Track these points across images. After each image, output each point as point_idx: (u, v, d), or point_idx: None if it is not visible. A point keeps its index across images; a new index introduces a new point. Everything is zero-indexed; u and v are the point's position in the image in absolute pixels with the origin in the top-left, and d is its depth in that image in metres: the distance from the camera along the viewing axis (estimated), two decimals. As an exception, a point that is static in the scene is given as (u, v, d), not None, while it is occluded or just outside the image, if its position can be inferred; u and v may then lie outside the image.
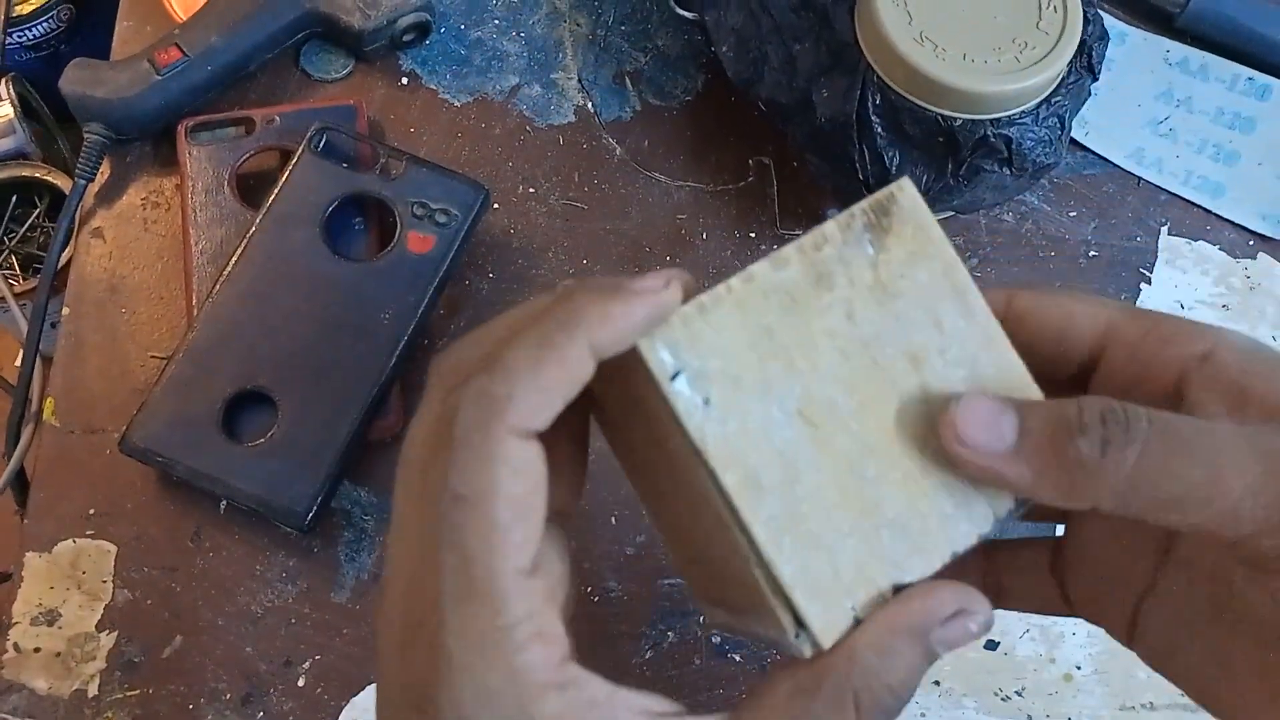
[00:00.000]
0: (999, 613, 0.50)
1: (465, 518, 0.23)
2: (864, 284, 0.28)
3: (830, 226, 0.28)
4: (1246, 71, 0.59)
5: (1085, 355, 0.28)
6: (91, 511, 0.48)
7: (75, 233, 0.53)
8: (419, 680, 0.24)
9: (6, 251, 0.71)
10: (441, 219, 0.50)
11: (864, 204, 0.28)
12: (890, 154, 0.48)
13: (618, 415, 0.30)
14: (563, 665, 0.24)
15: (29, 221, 0.71)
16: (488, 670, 0.23)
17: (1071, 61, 0.47)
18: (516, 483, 0.23)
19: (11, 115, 0.66)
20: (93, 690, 0.46)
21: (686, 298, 0.26)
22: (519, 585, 0.23)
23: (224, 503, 0.48)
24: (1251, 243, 0.57)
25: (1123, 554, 0.30)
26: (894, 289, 0.28)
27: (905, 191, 0.28)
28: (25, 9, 0.77)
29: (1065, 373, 0.29)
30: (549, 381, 0.24)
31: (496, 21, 0.59)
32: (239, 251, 0.49)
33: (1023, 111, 0.47)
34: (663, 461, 0.28)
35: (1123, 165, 0.57)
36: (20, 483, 0.52)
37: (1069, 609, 0.32)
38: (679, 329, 0.26)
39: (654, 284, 0.25)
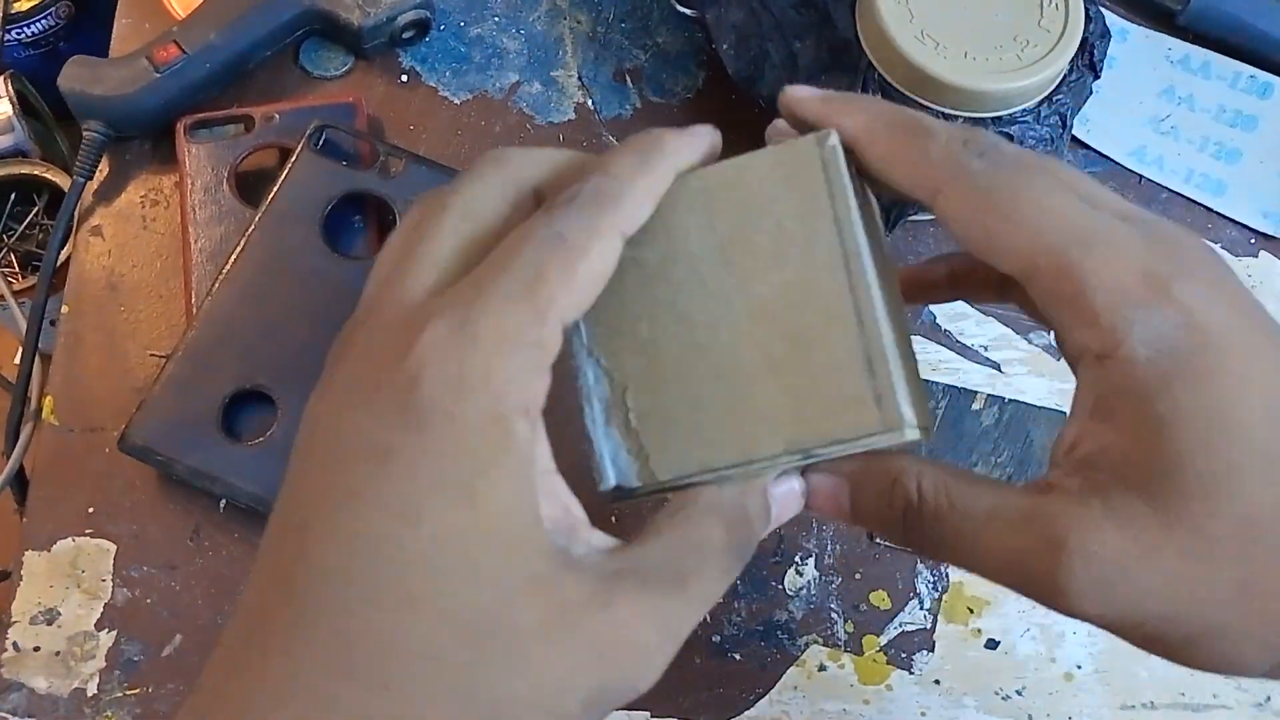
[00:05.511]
0: (999, 613, 0.50)
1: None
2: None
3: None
4: (1248, 69, 0.58)
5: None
6: (91, 510, 0.48)
7: (74, 230, 0.53)
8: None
9: (5, 249, 0.71)
10: (441, 217, 0.50)
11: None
12: (891, 152, 0.48)
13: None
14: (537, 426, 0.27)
15: (28, 219, 0.71)
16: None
17: (1073, 59, 0.47)
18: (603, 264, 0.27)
19: (10, 113, 0.66)
20: (92, 689, 0.46)
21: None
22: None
23: (223, 501, 0.48)
24: (1253, 241, 0.56)
25: None
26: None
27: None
28: (24, 5, 0.77)
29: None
30: (652, 188, 0.28)
31: (496, 19, 0.59)
32: (238, 250, 0.49)
33: (1024, 109, 0.47)
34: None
35: (1124, 163, 0.57)
36: (19, 481, 0.52)
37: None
38: None
39: (706, 129, 0.31)
